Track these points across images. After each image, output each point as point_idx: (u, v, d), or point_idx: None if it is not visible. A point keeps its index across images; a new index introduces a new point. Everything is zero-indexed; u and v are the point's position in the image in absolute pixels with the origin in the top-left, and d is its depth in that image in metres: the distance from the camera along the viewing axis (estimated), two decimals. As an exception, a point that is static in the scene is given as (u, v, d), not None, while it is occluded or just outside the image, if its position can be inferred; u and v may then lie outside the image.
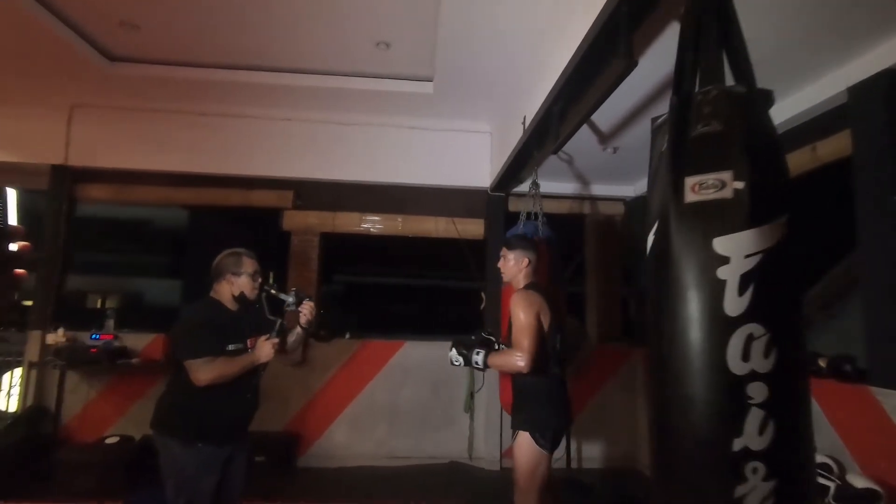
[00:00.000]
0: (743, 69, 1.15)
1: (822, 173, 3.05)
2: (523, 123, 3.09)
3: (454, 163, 4.51)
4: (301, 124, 4.38)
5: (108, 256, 14.14)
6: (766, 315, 1.00)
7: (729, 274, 1.01)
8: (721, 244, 1.03)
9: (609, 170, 4.25)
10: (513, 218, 4.45)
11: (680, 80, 1.18)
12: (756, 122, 1.09)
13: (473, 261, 4.58)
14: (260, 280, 2.24)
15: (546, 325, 2.30)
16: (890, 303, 2.19)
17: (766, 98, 1.14)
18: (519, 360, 2.17)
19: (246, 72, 3.81)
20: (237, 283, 2.18)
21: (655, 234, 1.17)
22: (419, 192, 4.56)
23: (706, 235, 1.05)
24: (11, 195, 4.09)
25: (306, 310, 2.25)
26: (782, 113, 2.77)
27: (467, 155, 4.53)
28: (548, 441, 2.27)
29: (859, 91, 2.38)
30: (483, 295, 4.49)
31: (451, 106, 4.11)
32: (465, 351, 2.37)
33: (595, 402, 4.40)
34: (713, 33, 1.16)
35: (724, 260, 1.02)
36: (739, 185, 1.03)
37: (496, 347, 2.40)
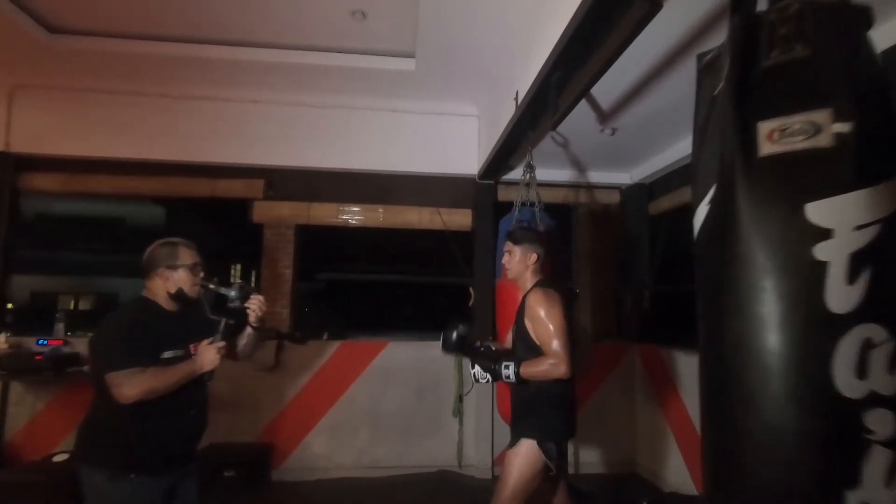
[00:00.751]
0: (829, -22, 0.85)
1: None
2: (515, 99, 2.78)
3: (439, 149, 4.18)
4: (272, 107, 4.00)
5: (81, 256, 13.54)
6: (889, 312, 0.70)
7: (832, 254, 0.71)
8: (818, 212, 0.73)
9: (605, 154, 3.96)
10: (503, 208, 4.14)
11: (742, -4, 0.88)
12: (857, 45, 0.79)
13: (460, 254, 4.27)
14: (202, 274, 1.89)
15: (568, 328, 2.09)
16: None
17: (866, 16, 0.84)
18: (556, 366, 1.98)
19: (208, 46, 3.42)
20: (173, 277, 1.83)
21: (711, 202, 0.86)
22: (402, 181, 4.23)
23: (793, 200, 0.75)
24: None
25: (254, 305, 1.91)
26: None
27: (453, 140, 4.21)
28: (555, 451, 2.06)
29: None
30: (471, 290, 4.19)
31: (435, 85, 3.78)
32: (492, 364, 2.11)
33: (592, 404, 4.13)
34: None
35: (824, 234, 0.72)
36: (843, 127, 0.73)
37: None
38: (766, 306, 0.76)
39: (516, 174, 4.03)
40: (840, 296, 0.71)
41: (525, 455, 2.07)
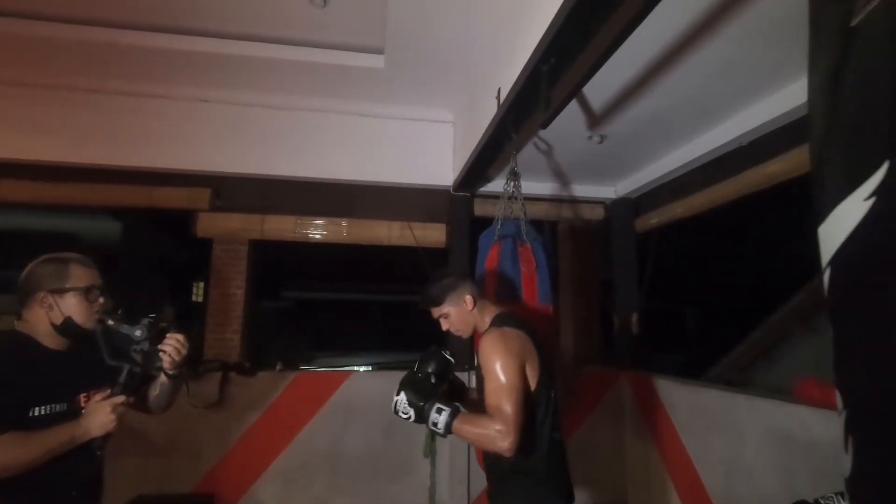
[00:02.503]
0: None
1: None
2: (497, 98, 2.43)
3: (410, 157, 3.80)
4: (221, 107, 3.55)
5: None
6: None
7: None
8: None
9: (590, 165, 3.67)
10: (479, 223, 3.76)
11: None
12: None
13: (434, 272, 3.86)
14: (101, 300, 1.44)
15: (535, 373, 1.63)
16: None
17: None
18: (500, 437, 1.47)
19: (145, 33, 2.98)
20: (61, 305, 1.39)
21: (877, 194, 0.49)
22: (368, 192, 3.82)
23: None
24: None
25: (169, 348, 1.46)
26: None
27: (426, 148, 3.84)
28: None
29: None
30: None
31: (406, 85, 3.41)
32: (420, 401, 1.61)
33: (579, 437, 3.74)
34: None
35: None
36: None
37: (462, 403, 1.66)
38: None
39: (495, 186, 3.70)
40: None
41: None
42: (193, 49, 3.02)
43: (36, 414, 1.31)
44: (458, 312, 1.78)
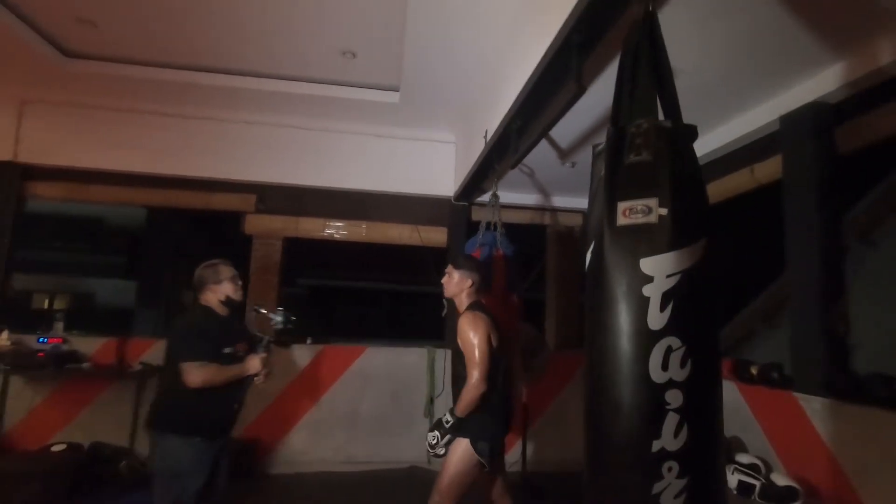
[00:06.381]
0: (671, 105, 1.28)
1: (764, 192, 3.28)
2: (485, 137, 3.20)
3: (419, 171, 4.58)
4: (265, 128, 4.36)
5: (57, 255, 13.46)
6: (683, 329, 1.11)
7: (652, 291, 1.12)
8: (646, 264, 1.14)
9: (568, 182, 4.41)
10: (475, 227, 4.56)
11: (617, 113, 1.30)
12: (680, 153, 1.21)
13: (436, 268, 4.65)
14: (241, 282, 2.42)
15: (495, 344, 2.38)
16: (811, 315, 2.39)
17: (691, 132, 1.26)
18: (476, 388, 2.25)
19: (208, 74, 3.78)
20: (220, 289, 2.34)
21: (592, 252, 1.27)
22: (383, 199, 4.61)
23: (634, 256, 1.16)
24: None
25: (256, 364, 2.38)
26: (723, 137, 2.98)
27: (432, 164, 4.61)
28: (487, 451, 2.33)
29: (790, 119, 2.59)
30: (445, 302, 4.57)
31: (416, 116, 4.19)
32: (436, 430, 2.39)
33: (552, 408, 4.54)
34: (646, 72, 1.28)
35: (649, 279, 1.13)
36: (663, 211, 1.15)
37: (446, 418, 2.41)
38: (616, 322, 1.16)
39: (488, 196, 4.46)
40: (655, 319, 1.11)
41: (461, 453, 2.33)
42: (248, 87, 3.82)
43: (223, 352, 2.24)
44: (459, 280, 2.50)
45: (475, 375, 2.26)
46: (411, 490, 3.89)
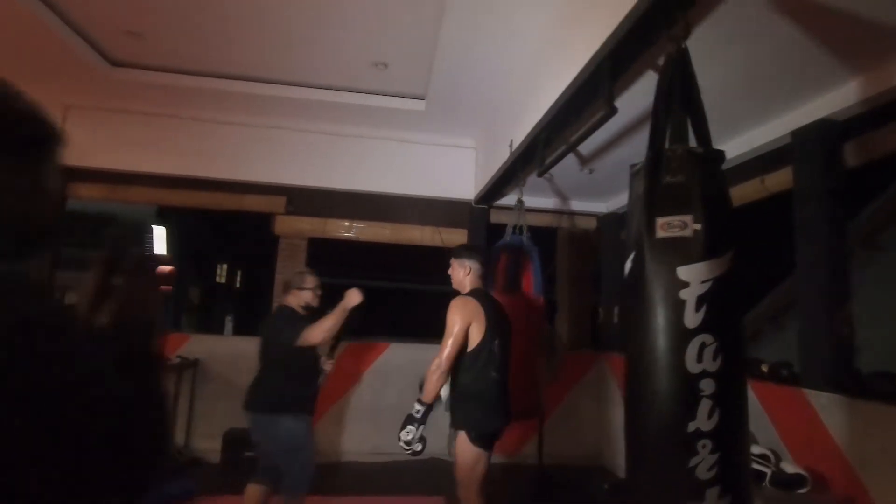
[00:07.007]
0: (702, 132, 1.47)
1: (768, 201, 3.47)
2: (510, 146, 3.38)
3: (440, 175, 4.78)
4: (295, 133, 4.56)
5: (70, 250, 13.68)
6: (715, 327, 1.30)
7: (688, 295, 1.31)
8: (683, 272, 1.33)
9: (585, 187, 4.60)
10: (494, 229, 4.76)
11: (654, 139, 1.49)
12: (711, 175, 1.40)
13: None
14: (321, 292, 2.79)
15: (482, 330, 2.40)
16: (819, 317, 2.57)
17: (719, 156, 1.45)
18: (433, 371, 2.35)
19: (244, 82, 3.98)
20: (302, 296, 2.76)
21: (633, 261, 1.46)
22: (406, 202, 4.81)
23: (671, 264, 1.35)
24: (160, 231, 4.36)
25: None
26: (737, 148, 3.16)
27: (452, 168, 4.80)
28: (480, 440, 2.40)
29: (801, 135, 2.77)
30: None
31: (439, 123, 4.38)
32: (408, 425, 2.44)
33: (564, 405, 4.73)
34: (680, 103, 1.47)
35: (685, 284, 1.32)
36: (697, 226, 1.33)
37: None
38: (656, 321, 1.36)
39: (506, 200, 4.66)
40: (691, 318, 1.30)
41: (460, 444, 2.43)
42: (281, 95, 4.01)
43: None
44: (459, 269, 2.61)
45: (440, 355, 2.32)
46: (433, 480, 4.09)
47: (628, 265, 1.49)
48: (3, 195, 0.65)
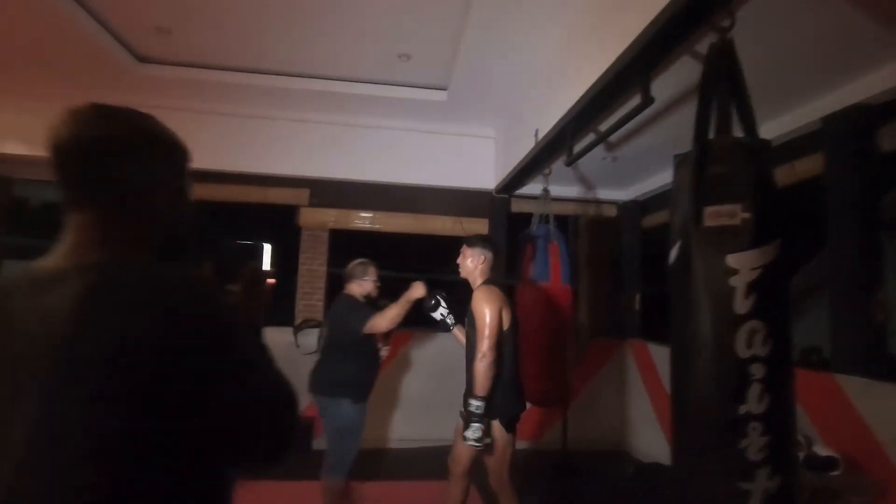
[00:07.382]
0: (749, 123, 1.48)
1: (791, 187, 3.47)
2: (535, 136, 3.39)
3: (460, 165, 4.80)
4: (318, 126, 4.60)
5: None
6: (764, 313, 1.33)
7: (738, 282, 1.34)
8: (732, 259, 1.36)
9: (607, 175, 4.59)
10: (514, 218, 4.78)
11: (700, 129, 1.50)
12: (758, 165, 1.42)
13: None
14: (380, 285, 2.99)
15: (510, 318, 2.46)
16: (851, 303, 2.58)
17: (766, 146, 1.47)
18: (483, 360, 2.33)
19: (268, 76, 4.02)
20: (364, 286, 2.92)
21: (679, 250, 1.49)
22: (428, 193, 4.84)
23: (720, 252, 1.38)
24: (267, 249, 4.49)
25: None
26: (770, 132, 3.14)
27: (473, 158, 4.82)
28: (509, 425, 2.49)
29: (832, 121, 2.75)
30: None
31: (460, 113, 4.39)
32: (472, 423, 2.38)
33: (586, 392, 4.78)
34: (726, 94, 1.48)
35: (735, 272, 1.35)
36: (747, 215, 1.36)
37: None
38: (705, 309, 1.39)
39: (526, 189, 4.67)
40: (741, 304, 1.33)
41: (496, 431, 2.47)
42: (305, 88, 4.05)
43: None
44: (472, 258, 2.60)
45: (483, 347, 2.32)
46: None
47: (673, 254, 1.52)
48: (181, 209, 0.84)
